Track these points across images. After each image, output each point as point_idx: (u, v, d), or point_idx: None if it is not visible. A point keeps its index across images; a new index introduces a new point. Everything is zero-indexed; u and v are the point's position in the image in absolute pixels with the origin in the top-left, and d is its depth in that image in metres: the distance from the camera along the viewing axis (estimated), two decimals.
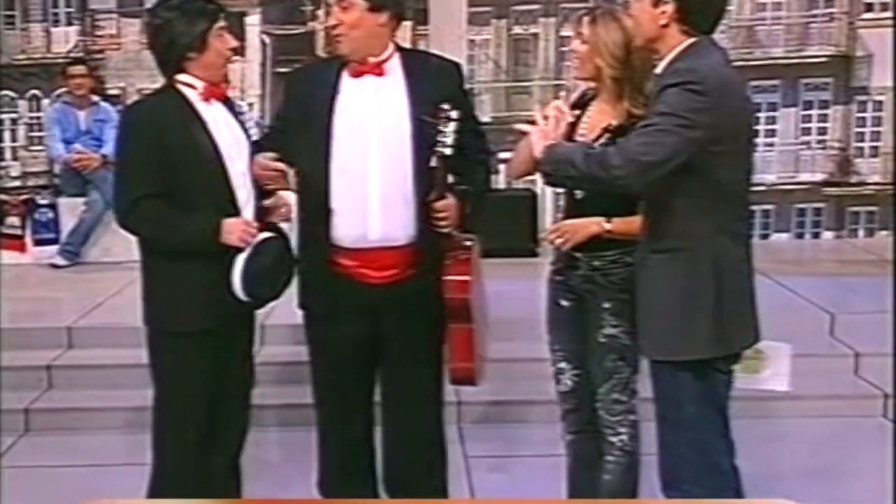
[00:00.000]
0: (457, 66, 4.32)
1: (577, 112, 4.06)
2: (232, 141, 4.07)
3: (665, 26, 3.53)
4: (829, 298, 7.27)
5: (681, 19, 3.51)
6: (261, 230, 4.01)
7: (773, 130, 10.29)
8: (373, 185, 4.04)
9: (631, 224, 3.83)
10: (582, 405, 4.17)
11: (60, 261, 8.91)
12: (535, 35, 9.90)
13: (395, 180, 4.04)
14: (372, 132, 4.06)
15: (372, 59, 4.08)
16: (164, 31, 4.00)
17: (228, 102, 4.19)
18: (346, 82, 4.10)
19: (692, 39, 3.52)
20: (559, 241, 3.96)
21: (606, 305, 3.98)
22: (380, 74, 4.10)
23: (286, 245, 4.15)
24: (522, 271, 6.53)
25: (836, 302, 7.17)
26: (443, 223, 4.00)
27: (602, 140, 3.92)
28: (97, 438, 5.83)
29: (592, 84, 4.05)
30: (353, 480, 4.34)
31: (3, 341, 6.52)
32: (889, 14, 9.69)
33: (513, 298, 4.39)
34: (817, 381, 6.01)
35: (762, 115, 10.03)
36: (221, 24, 4.03)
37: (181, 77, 4.05)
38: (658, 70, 3.58)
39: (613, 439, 4.08)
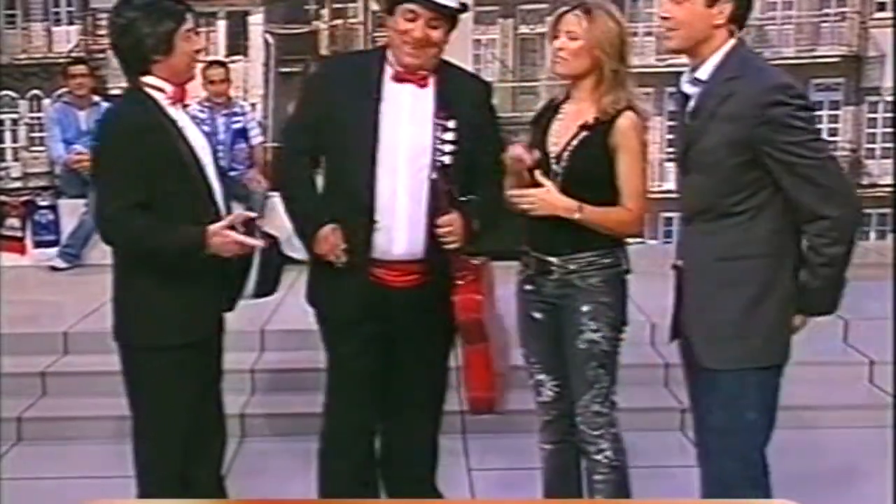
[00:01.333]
0: (486, 85, 4.25)
1: (545, 120, 3.95)
2: (202, 144, 3.88)
3: (718, 26, 3.37)
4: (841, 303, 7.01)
5: (734, 19, 3.38)
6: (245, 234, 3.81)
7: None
8: (401, 200, 3.94)
9: (605, 216, 3.75)
10: (563, 415, 4.03)
11: (60, 263, 8.78)
12: (542, 34, 9.60)
13: (419, 196, 3.93)
14: (404, 145, 3.94)
15: (421, 70, 3.95)
16: (129, 31, 3.74)
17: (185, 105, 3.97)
18: (389, 87, 3.97)
19: (734, 40, 3.40)
20: (526, 206, 3.74)
21: (585, 309, 3.82)
22: (423, 86, 3.97)
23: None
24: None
25: (848, 306, 6.93)
26: (447, 240, 3.84)
27: (578, 138, 3.81)
28: (90, 448, 5.64)
29: (568, 83, 3.92)
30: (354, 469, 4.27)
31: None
32: None
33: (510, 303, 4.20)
34: (830, 389, 5.90)
35: None
36: (189, 24, 3.79)
37: (148, 79, 3.80)
38: (703, 75, 3.43)
39: (598, 457, 3.93)
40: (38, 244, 9.09)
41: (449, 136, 3.79)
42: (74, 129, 9.15)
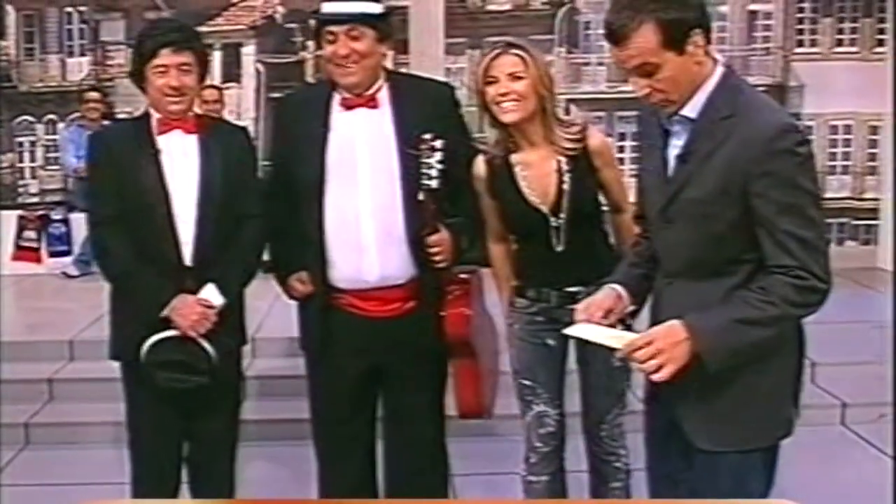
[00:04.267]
0: (449, 87, 3.61)
1: (505, 183, 3.34)
2: (184, 177, 3.31)
3: (700, 63, 2.50)
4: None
5: (708, 42, 2.50)
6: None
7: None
8: (366, 227, 3.36)
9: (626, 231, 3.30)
10: (560, 444, 3.50)
11: (73, 271, 8.45)
12: None
13: (388, 220, 3.35)
14: (363, 170, 3.36)
15: (367, 92, 3.36)
16: (130, 58, 3.39)
17: (206, 133, 3.38)
18: (338, 116, 3.39)
19: (721, 68, 2.54)
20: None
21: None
22: (374, 107, 3.38)
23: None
24: None
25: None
26: (437, 259, 3.28)
27: (566, 184, 3.25)
28: (96, 453, 5.06)
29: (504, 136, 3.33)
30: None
31: (8, 353, 5.84)
32: (817, 49, 9.14)
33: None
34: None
35: None
36: (162, 60, 3.23)
37: (148, 106, 3.38)
38: (692, 112, 2.52)
39: (617, 464, 3.44)
40: (52, 254, 8.87)
41: (437, 157, 3.20)
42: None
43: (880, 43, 9.03)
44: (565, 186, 3.25)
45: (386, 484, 3.67)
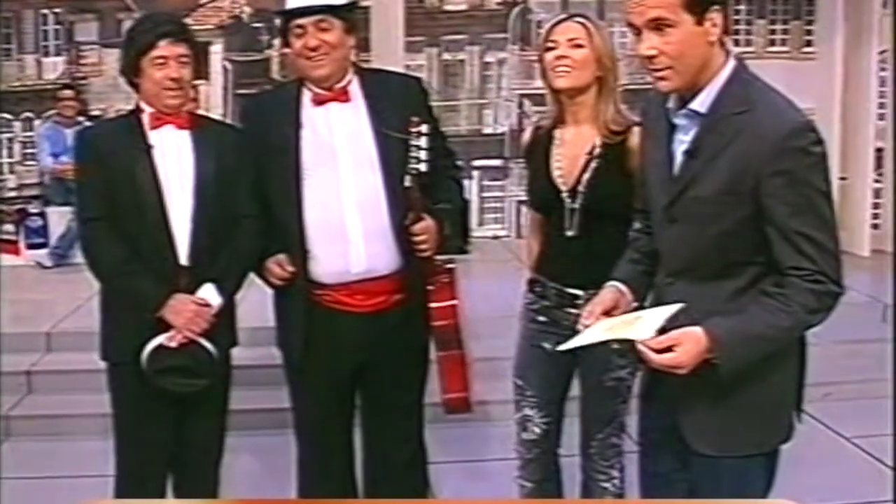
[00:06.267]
0: (418, 80, 3.28)
1: (541, 151, 3.01)
2: (178, 173, 2.97)
3: (712, 44, 2.19)
4: None
5: (727, 31, 2.20)
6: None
7: None
8: (350, 218, 3.01)
9: None
10: (547, 452, 3.13)
11: (47, 261, 8.13)
12: (462, 61, 9.25)
13: (372, 210, 3.01)
14: (343, 163, 3.02)
15: (338, 85, 3.01)
16: (122, 47, 3.00)
17: (198, 129, 3.04)
18: (309, 112, 3.04)
19: (734, 61, 2.23)
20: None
21: (616, 346, 2.75)
22: (345, 100, 3.03)
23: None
24: (487, 267, 5.52)
25: None
26: (423, 247, 2.95)
27: (591, 169, 2.87)
28: (77, 445, 4.67)
29: (556, 106, 2.97)
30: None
31: None
32: (752, 49, 9.04)
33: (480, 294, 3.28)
34: None
35: None
36: (161, 52, 2.90)
37: (140, 100, 3.01)
38: (701, 106, 2.22)
39: (607, 485, 3.05)
40: (29, 246, 8.51)
41: (423, 142, 2.88)
42: (62, 145, 8.35)
43: (808, 43, 9.09)
44: (589, 170, 2.91)
45: (366, 480, 3.33)
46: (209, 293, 2.97)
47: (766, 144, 2.11)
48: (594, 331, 2.34)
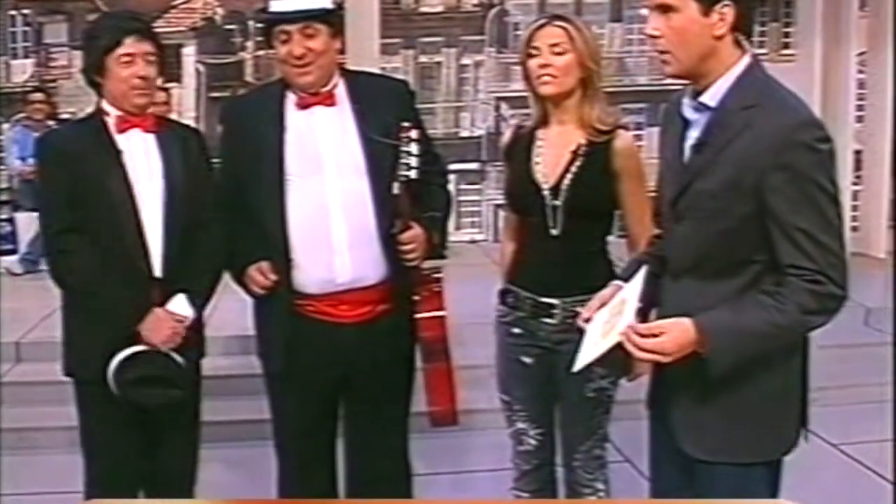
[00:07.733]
0: (405, 84, 3.17)
1: (523, 150, 2.91)
2: (147, 179, 2.84)
3: (720, 38, 2.16)
4: None
5: (738, 26, 2.16)
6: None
7: (640, 147, 9.61)
8: (336, 226, 2.87)
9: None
10: (543, 464, 3.03)
11: (17, 268, 7.74)
12: (439, 63, 9.32)
13: (359, 217, 2.88)
14: (329, 169, 2.89)
15: (323, 89, 2.92)
16: (83, 45, 2.85)
17: (164, 132, 2.91)
18: (294, 116, 2.91)
19: (748, 57, 2.17)
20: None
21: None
22: (331, 104, 2.93)
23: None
24: (465, 272, 5.36)
25: None
26: (410, 256, 2.85)
27: (574, 167, 2.80)
28: (47, 459, 4.46)
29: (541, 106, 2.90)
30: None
31: None
32: None
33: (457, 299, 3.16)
34: None
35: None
36: (127, 49, 2.77)
37: (102, 103, 2.85)
38: (711, 100, 2.17)
39: (591, 498, 2.95)
40: None
41: (414, 148, 2.78)
42: (31, 148, 8.05)
43: (787, 45, 9.25)
44: (573, 167, 2.81)
45: (348, 494, 3.23)
46: (181, 306, 2.85)
47: (772, 138, 2.07)
48: (594, 334, 2.28)
